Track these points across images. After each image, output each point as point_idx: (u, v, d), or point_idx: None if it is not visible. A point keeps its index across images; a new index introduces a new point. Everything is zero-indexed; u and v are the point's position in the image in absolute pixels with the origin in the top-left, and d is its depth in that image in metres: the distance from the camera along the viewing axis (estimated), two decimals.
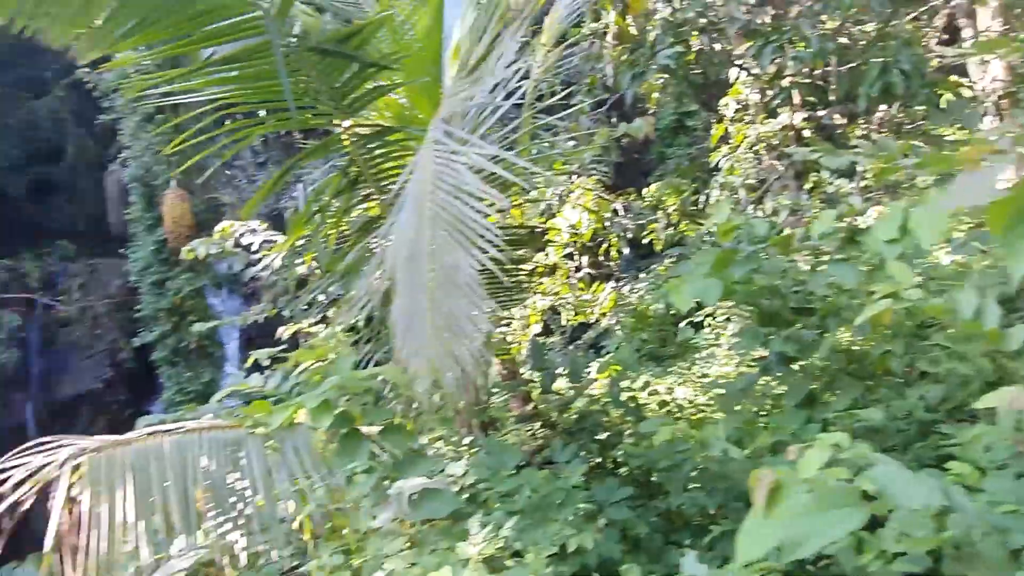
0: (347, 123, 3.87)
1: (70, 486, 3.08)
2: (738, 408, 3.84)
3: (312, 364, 4.44)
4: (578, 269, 7.52)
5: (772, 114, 7.67)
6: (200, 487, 3.22)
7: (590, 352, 7.37)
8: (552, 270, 7.05)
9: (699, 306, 7.14)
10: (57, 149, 21.50)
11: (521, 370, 5.62)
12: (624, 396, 4.80)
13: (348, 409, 2.72)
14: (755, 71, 6.89)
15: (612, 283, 7.66)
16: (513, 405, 5.55)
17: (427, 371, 2.04)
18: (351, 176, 4.14)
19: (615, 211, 7.62)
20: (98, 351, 17.53)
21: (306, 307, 5.65)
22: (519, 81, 3.56)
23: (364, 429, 2.92)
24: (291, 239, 4.59)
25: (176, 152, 12.04)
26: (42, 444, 3.30)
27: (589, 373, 5.32)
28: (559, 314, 7.39)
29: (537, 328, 6.63)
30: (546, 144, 4.61)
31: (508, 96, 3.20)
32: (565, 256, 7.14)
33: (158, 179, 11.45)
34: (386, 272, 2.92)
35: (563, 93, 5.27)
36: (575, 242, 7.15)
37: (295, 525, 4.11)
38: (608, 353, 6.64)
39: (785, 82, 5.71)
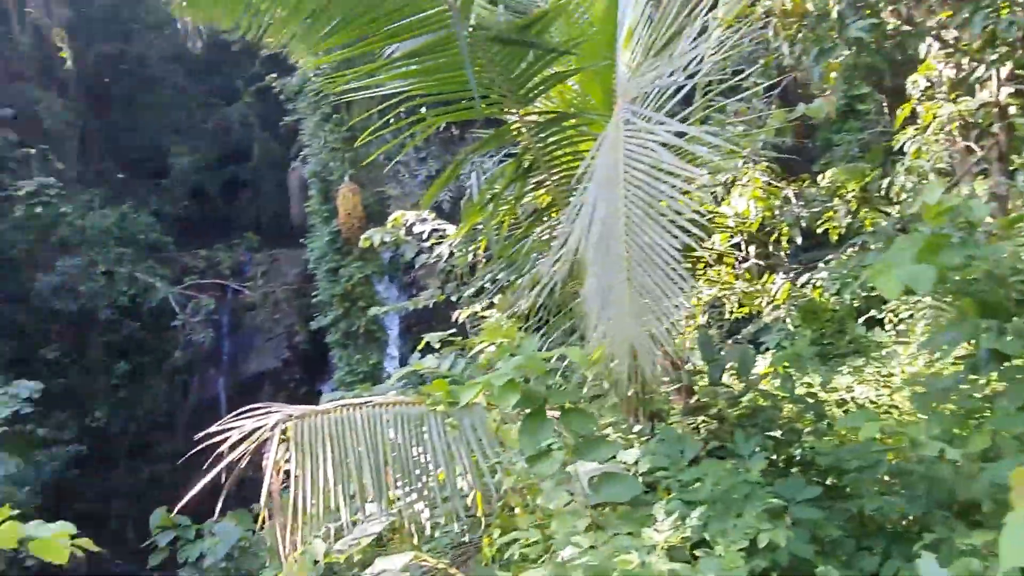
0: (522, 111, 3.94)
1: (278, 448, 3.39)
2: (940, 409, 3.50)
3: (490, 345, 4.58)
4: (744, 259, 7.20)
5: (970, 91, 6.90)
6: (388, 457, 3.43)
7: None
8: (718, 259, 6.80)
9: (882, 301, 6.61)
10: (245, 150, 23.81)
11: (685, 362, 5.48)
12: (801, 392, 4.54)
13: (533, 389, 2.76)
14: (952, 43, 6.23)
15: (781, 275, 7.26)
16: (674, 398, 5.42)
17: (624, 349, 2.02)
18: (524, 164, 4.21)
19: (786, 198, 7.21)
20: (277, 334, 19.21)
21: (474, 294, 5.84)
22: (696, 64, 3.46)
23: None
24: (465, 226, 4.75)
25: (349, 148, 12.96)
26: (253, 410, 3.65)
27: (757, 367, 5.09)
28: (715, 307, 7.13)
29: (702, 319, 6.43)
30: (718, 128, 4.44)
31: (689, 77, 3.10)
32: (731, 246, 6.86)
33: (333, 174, 12.35)
34: (567, 255, 2.94)
35: (734, 75, 5.05)
36: (741, 231, 6.85)
37: (468, 500, 4.27)
38: (768, 349, 6.31)
39: (994, 55, 5.10)
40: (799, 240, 7.01)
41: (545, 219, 4.52)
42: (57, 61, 21.24)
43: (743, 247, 7.04)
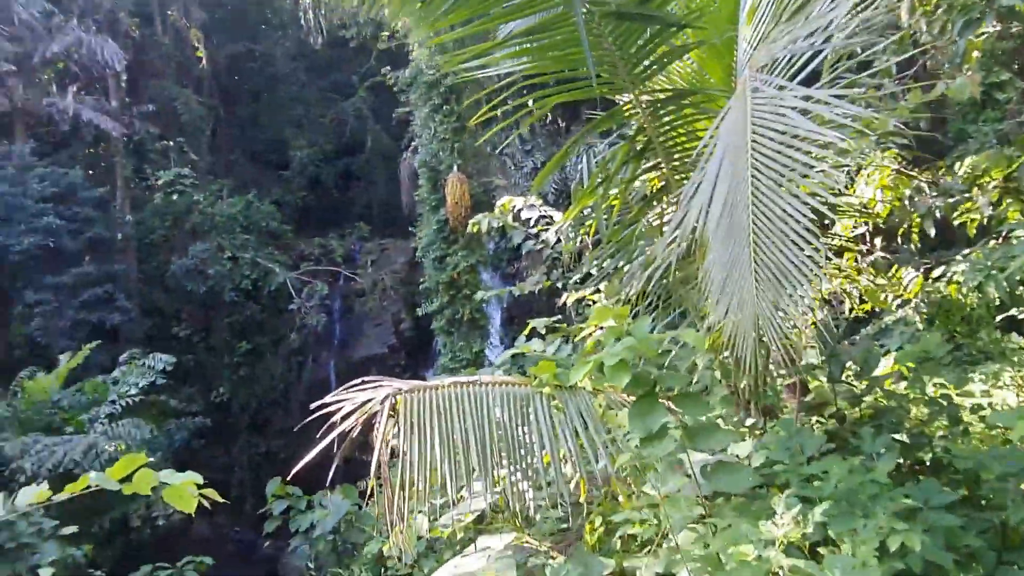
0: (638, 91, 3.83)
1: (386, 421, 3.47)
2: None
3: (596, 331, 4.50)
4: (868, 252, 6.75)
5: None
6: (494, 436, 3.43)
7: None
8: (839, 252, 6.41)
9: None
10: (359, 143, 24.75)
11: (800, 358, 5.20)
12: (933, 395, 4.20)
13: (645, 371, 2.68)
14: None
15: (910, 270, 6.76)
16: (786, 396, 5.15)
17: (749, 325, 1.91)
18: (638, 145, 4.10)
19: (918, 188, 6.69)
20: (384, 320, 19.87)
21: (579, 279, 5.78)
22: (829, 30, 3.23)
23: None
24: (574, 210, 4.69)
25: (458, 139, 13.19)
26: (365, 383, 3.76)
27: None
28: (829, 302, 6.71)
29: (820, 314, 6.08)
30: (852, 103, 4.14)
31: (826, 41, 2.90)
32: (854, 239, 6.45)
33: (442, 164, 12.60)
34: (683, 234, 2.83)
35: (864, 51, 4.71)
36: (866, 222, 6.41)
37: (571, 486, 4.22)
38: (889, 352, 5.87)
39: None
40: (932, 232, 6.49)
41: (657, 203, 4.39)
42: (193, 60, 22.86)
43: (868, 239, 6.60)
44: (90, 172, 19.33)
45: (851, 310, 6.72)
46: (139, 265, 18.54)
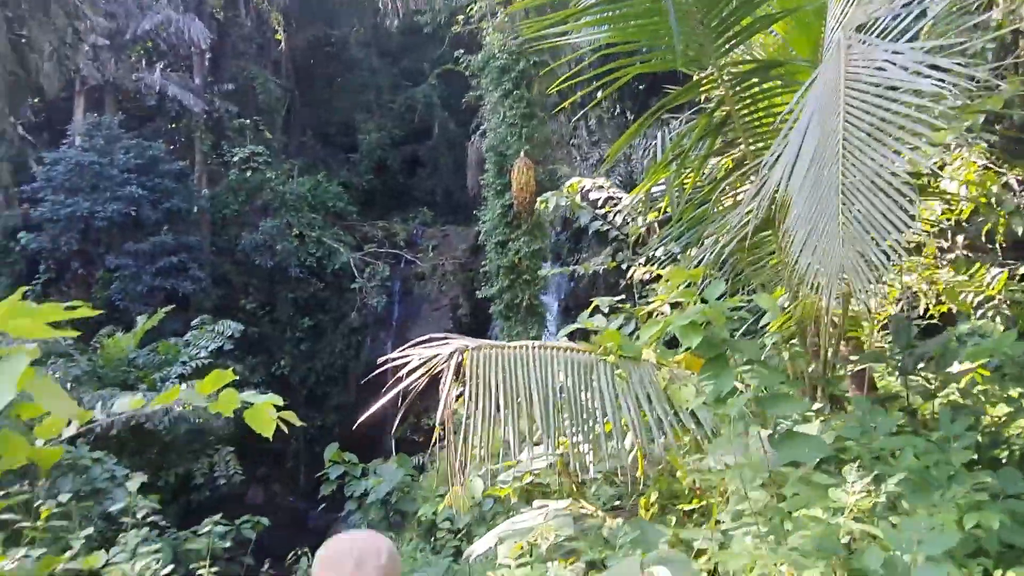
0: (720, 63, 3.79)
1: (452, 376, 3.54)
2: None
3: (662, 306, 4.48)
4: (949, 249, 6.49)
5: None
6: (557, 398, 3.46)
7: None
8: (916, 248, 6.18)
9: None
10: (426, 130, 25.09)
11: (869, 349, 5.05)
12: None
13: (716, 331, 2.66)
14: None
15: (994, 268, 6.47)
16: (851, 386, 5.01)
17: (834, 279, 1.88)
18: (717, 119, 4.05)
19: (1006, 185, 6.39)
20: (443, 304, 20.11)
21: (646, 260, 5.74)
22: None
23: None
24: (646, 184, 4.66)
25: (526, 124, 13.23)
26: (432, 339, 3.84)
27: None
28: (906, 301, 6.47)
29: (894, 310, 5.90)
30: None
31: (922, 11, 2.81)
32: (938, 233, 6.21)
33: (510, 149, 12.68)
34: (763, 199, 2.79)
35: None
36: (948, 219, 6.16)
37: (629, 459, 4.21)
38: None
39: None
40: (1020, 231, 6.19)
41: (731, 181, 4.33)
42: (272, 43, 23.57)
43: (950, 235, 6.35)
44: (171, 146, 20.16)
45: (927, 311, 6.47)
46: (212, 238, 19.24)
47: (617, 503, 5.12)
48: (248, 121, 20.33)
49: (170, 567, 3.85)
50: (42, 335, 1.74)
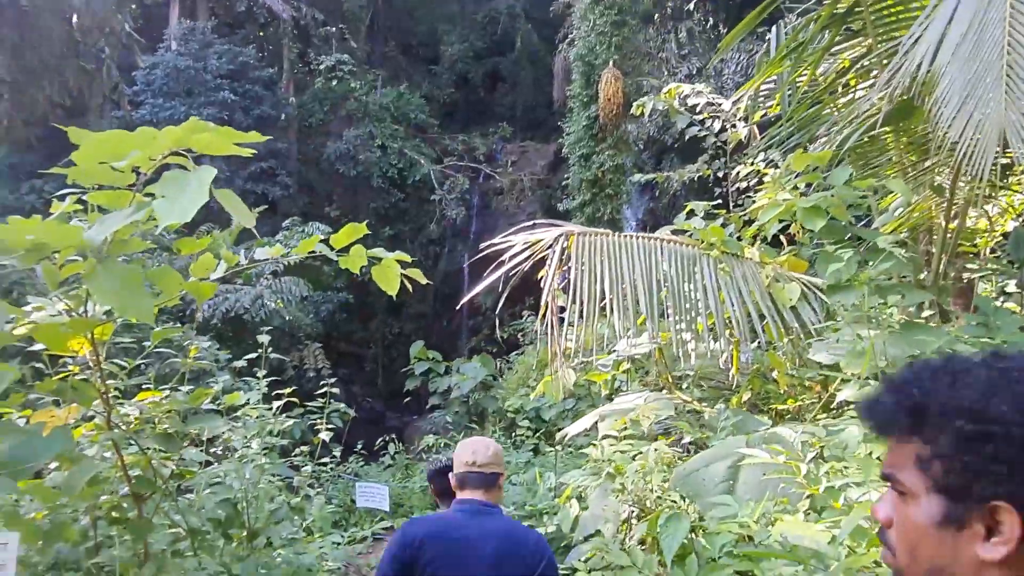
0: None
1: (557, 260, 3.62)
2: None
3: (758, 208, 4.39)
4: None
5: None
6: (661, 287, 3.50)
7: None
8: None
9: None
10: (508, 43, 24.53)
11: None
12: None
13: (838, 214, 2.61)
14: None
15: None
16: (953, 301, 4.84)
17: (993, 137, 1.81)
18: (843, 8, 3.83)
19: None
20: (520, 219, 20.12)
21: (746, 164, 5.59)
22: None
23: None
24: (758, 80, 4.49)
25: (617, 33, 12.77)
26: (536, 224, 3.91)
27: None
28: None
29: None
30: None
31: None
32: None
33: (598, 59, 12.31)
34: (900, 81, 2.67)
35: None
36: None
37: (722, 360, 4.25)
38: None
39: None
40: None
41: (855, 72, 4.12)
42: None
43: None
44: (261, 53, 20.44)
45: None
46: (298, 145, 19.68)
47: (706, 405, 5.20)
48: (334, 29, 20.36)
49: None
50: (223, 151, 1.88)
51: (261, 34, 21.39)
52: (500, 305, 3.75)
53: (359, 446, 7.17)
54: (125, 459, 2.59)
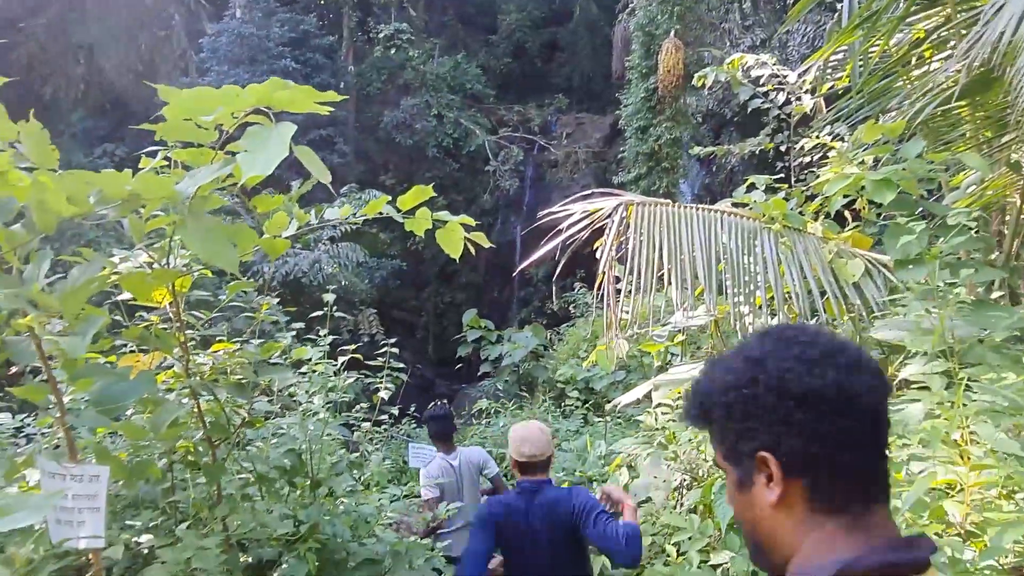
0: None
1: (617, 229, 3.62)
2: None
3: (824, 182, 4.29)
4: None
5: None
6: (721, 259, 3.48)
7: None
8: None
9: None
10: (566, 13, 24.19)
11: None
12: None
13: (909, 187, 2.55)
14: None
15: None
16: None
17: None
18: None
19: None
20: (574, 192, 20.01)
21: (811, 138, 5.45)
22: None
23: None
24: (828, 49, 4.36)
25: (679, 2, 12.47)
26: (593, 193, 3.91)
27: None
28: None
29: None
30: None
31: None
32: None
33: (659, 29, 12.05)
34: (981, 51, 2.58)
35: None
36: None
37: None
38: None
39: None
40: None
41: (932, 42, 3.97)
42: None
43: None
44: (321, 22, 20.66)
45: None
46: (356, 114, 19.91)
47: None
48: None
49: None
50: (304, 109, 1.95)
51: (322, 2, 21.59)
52: (556, 275, 3.78)
53: (412, 409, 7.35)
54: (201, 406, 2.75)
